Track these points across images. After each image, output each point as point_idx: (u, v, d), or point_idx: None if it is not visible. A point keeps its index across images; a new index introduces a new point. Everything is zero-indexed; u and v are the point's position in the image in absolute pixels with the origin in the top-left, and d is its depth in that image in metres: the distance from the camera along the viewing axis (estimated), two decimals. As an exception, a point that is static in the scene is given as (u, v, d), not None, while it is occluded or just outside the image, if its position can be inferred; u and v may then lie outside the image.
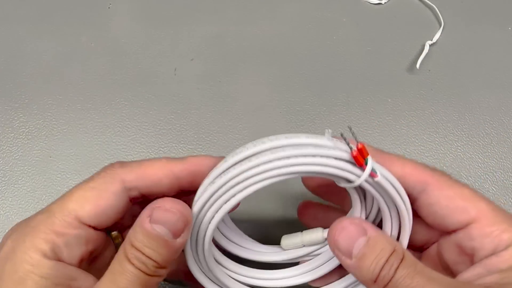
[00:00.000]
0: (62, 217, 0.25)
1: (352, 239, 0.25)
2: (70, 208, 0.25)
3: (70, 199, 0.25)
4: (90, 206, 0.25)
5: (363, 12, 0.47)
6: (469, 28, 0.46)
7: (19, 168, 0.38)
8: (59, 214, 0.25)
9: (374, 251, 0.24)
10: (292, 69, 0.43)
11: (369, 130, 0.40)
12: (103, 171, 0.26)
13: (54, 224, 0.24)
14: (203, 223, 0.25)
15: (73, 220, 0.25)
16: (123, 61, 0.43)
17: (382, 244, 0.25)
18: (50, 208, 0.25)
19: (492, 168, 0.39)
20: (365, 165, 0.25)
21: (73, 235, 0.25)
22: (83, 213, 0.25)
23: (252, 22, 0.46)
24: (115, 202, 0.25)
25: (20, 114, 0.40)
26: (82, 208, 0.25)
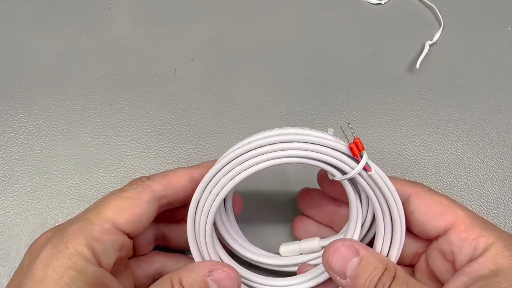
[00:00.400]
0: (101, 224, 0.26)
1: (345, 260, 0.26)
2: (108, 216, 0.26)
3: (106, 208, 0.27)
4: (126, 214, 0.27)
5: (363, 12, 0.47)
6: (469, 28, 0.46)
7: (19, 168, 0.38)
8: (98, 221, 0.26)
9: (367, 270, 0.26)
10: (292, 69, 0.43)
11: (369, 130, 0.40)
12: (134, 183, 0.28)
13: (94, 231, 0.26)
14: (207, 201, 0.27)
15: (110, 227, 0.26)
16: (123, 61, 0.43)
17: (374, 263, 0.26)
18: (87, 216, 0.26)
19: (492, 168, 0.39)
20: (361, 158, 0.27)
21: (111, 241, 0.26)
22: (120, 220, 0.26)
23: (252, 22, 0.46)
24: (148, 210, 0.28)
25: (20, 114, 0.40)
26: (119, 216, 0.26)
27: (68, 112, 0.40)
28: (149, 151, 0.39)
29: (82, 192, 0.37)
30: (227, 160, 0.27)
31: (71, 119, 0.40)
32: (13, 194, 0.37)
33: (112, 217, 0.26)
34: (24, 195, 0.37)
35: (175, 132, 0.40)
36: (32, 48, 0.43)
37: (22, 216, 0.36)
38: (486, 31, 0.46)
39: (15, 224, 0.35)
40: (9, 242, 0.35)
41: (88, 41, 0.44)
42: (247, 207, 0.34)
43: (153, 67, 0.43)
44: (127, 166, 0.38)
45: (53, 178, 0.37)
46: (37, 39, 0.44)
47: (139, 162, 0.38)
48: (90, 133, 0.39)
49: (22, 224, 0.35)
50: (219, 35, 0.45)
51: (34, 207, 0.36)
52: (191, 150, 0.39)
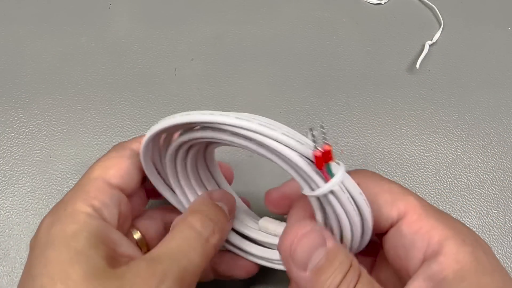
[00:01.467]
0: (93, 185, 0.26)
1: (311, 249, 0.22)
2: (96, 175, 0.27)
3: (94, 170, 0.27)
4: (113, 170, 0.27)
5: (363, 12, 0.47)
6: (469, 28, 0.46)
7: (19, 168, 0.38)
8: (89, 183, 0.27)
9: (333, 265, 0.22)
10: (292, 69, 0.43)
11: (369, 130, 0.40)
12: (113, 147, 0.29)
13: (89, 192, 0.26)
14: None
15: (102, 184, 0.26)
16: (123, 61, 0.43)
17: (341, 257, 0.22)
18: (79, 183, 0.27)
19: (492, 168, 0.39)
20: (327, 173, 0.21)
21: (107, 196, 0.26)
22: (109, 176, 0.27)
23: (252, 22, 0.46)
24: (132, 164, 0.28)
25: (20, 114, 0.40)
26: (106, 173, 0.27)
27: (68, 112, 0.40)
28: (149, 151, 0.39)
29: (82, 192, 0.37)
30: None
31: (71, 119, 0.40)
32: (13, 194, 0.37)
33: (101, 175, 0.27)
34: (24, 195, 0.37)
35: (175, 132, 0.40)
36: (32, 48, 0.43)
37: (22, 216, 0.36)
38: (486, 31, 0.46)
39: (15, 224, 0.35)
40: (9, 242, 0.35)
41: (88, 41, 0.44)
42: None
43: (153, 67, 0.43)
44: (127, 166, 0.38)
45: (53, 178, 0.37)
46: (37, 39, 0.44)
47: (139, 162, 0.38)
48: (90, 133, 0.39)
49: (22, 224, 0.35)
50: (219, 35, 0.45)
51: (34, 207, 0.36)
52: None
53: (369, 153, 0.39)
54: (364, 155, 0.39)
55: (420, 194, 0.37)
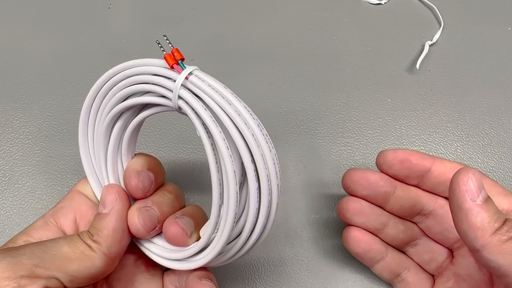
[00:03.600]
0: (66, 195, 0.30)
1: (480, 185, 0.25)
2: (71, 189, 0.31)
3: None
4: (84, 180, 0.30)
5: (363, 12, 0.47)
6: (469, 28, 0.46)
7: (19, 168, 0.38)
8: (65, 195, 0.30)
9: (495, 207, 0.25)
10: (292, 69, 0.43)
11: (369, 130, 0.40)
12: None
13: (61, 201, 0.30)
14: None
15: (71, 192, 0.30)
16: (123, 61, 0.43)
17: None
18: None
19: (492, 168, 0.39)
20: (181, 68, 0.24)
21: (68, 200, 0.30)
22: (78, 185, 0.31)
23: (252, 22, 0.46)
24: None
25: (20, 114, 0.40)
26: (78, 184, 0.31)
27: (68, 112, 0.40)
28: (149, 151, 0.39)
29: (82, 192, 0.37)
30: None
31: (71, 119, 0.40)
32: (13, 194, 0.37)
33: (73, 187, 0.31)
34: (24, 195, 0.37)
35: (175, 132, 0.40)
36: (32, 48, 0.43)
37: (22, 216, 0.36)
38: (486, 31, 0.46)
39: (15, 224, 0.35)
40: (9, 242, 0.35)
41: (88, 41, 0.44)
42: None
43: (153, 67, 0.43)
44: (127, 166, 0.38)
45: (53, 178, 0.37)
46: (37, 39, 0.44)
47: (139, 162, 0.38)
48: (90, 133, 0.39)
49: (22, 224, 0.35)
50: (219, 35, 0.45)
51: (34, 207, 0.36)
52: (191, 150, 0.39)
53: (369, 153, 0.39)
54: (364, 155, 0.39)
55: (420, 194, 0.37)
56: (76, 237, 0.26)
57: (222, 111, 0.23)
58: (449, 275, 0.30)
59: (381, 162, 0.31)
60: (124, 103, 0.27)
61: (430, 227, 0.31)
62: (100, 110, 0.28)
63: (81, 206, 0.29)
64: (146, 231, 0.28)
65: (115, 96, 0.27)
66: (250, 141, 0.23)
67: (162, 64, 0.25)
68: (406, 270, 0.32)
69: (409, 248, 0.32)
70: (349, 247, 0.32)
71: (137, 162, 0.29)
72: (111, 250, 0.26)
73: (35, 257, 0.24)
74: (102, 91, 0.28)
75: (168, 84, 0.24)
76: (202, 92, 0.24)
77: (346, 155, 0.39)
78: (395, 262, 0.32)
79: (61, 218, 0.29)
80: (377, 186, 0.31)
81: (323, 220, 0.36)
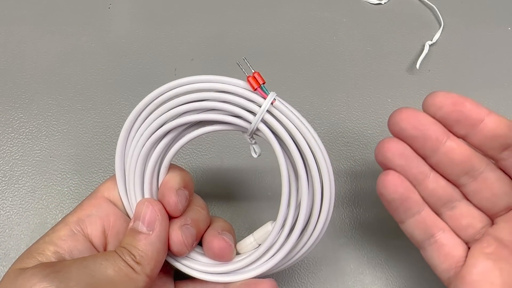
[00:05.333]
0: (89, 198, 0.29)
1: None
2: (95, 192, 0.29)
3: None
4: (109, 184, 0.29)
5: (363, 12, 0.47)
6: (469, 28, 0.46)
7: (19, 168, 0.38)
8: (87, 198, 0.29)
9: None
10: (292, 69, 0.43)
11: (369, 130, 0.40)
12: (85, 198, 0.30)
13: (83, 205, 0.28)
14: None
15: (96, 198, 0.29)
16: (123, 61, 0.43)
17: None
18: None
19: (492, 168, 0.39)
20: (263, 92, 0.25)
21: (95, 208, 0.28)
22: (104, 189, 0.29)
23: (252, 22, 0.46)
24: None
25: (20, 114, 0.40)
26: (103, 187, 0.29)
27: (68, 112, 0.40)
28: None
29: (82, 192, 0.37)
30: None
31: (71, 119, 0.40)
32: (13, 194, 0.37)
33: (97, 190, 0.29)
34: (24, 195, 0.37)
35: (175, 132, 0.40)
36: (32, 48, 0.43)
37: (22, 216, 0.36)
38: (486, 31, 0.46)
39: (15, 224, 0.35)
40: (9, 242, 0.35)
41: (88, 41, 0.44)
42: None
43: (153, 67, 0.43)
44: (127, 166, 0.38)
45: (53, 178, 0.37)
46: (37, 39, 0.44)
47: (139, 162, 0.38)
48: (90, 133, 0.39)
49: (22, 224, 0.35)
50: (219, 35, 0.45)
51: (34, 207, 0.36)
52: (191, 150, 0.39)
53: (369, 153, 0.39)
54: (364, 155, 0.39)
55: (420, 194, 0.37)
56: (117, 258, 0.25)
57: (302, 137, 0.25)
58: (490, 240, 0.27)
59: (430, 103, 0.28)
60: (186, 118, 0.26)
61: (477, 190, 0.28)
62: (150, 119, 0.27)
63: (110, 215, 0.28)
64: (188, 249, 0.28)
65: (175, 109, 0.26)
66: (323, 166, 0.26)
67: (241, 85, 0.26)
68: (441, 231, 0.28)
69: (444, 211, 0.29)
70: (385, 192, 0.28)
71: (174, 179, 0.28)
72: (154, 272, 0.26)
73: (83, 283, 0.23)
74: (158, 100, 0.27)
75: (252, 107, 0.25)
76: (284, 118, 0.25)
77: (346, 155, 0.39)
78: (431, 220, 0.28)
79: (89, 227, 0.27)
80: (429, 129, 0.27)
81: (323, 220, 0.36)
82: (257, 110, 0.25)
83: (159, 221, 0.27)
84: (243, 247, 0.29)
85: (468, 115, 0.27)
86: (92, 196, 0.29)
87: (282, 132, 0.25)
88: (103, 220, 0.28)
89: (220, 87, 0.26)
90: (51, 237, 0.26)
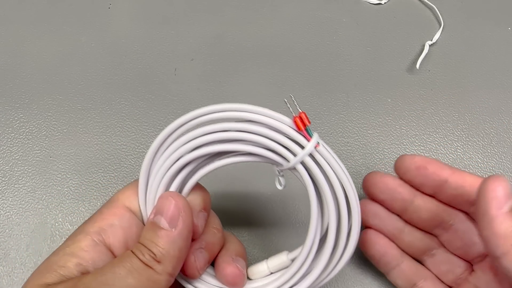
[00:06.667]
0: (109, 206, 0.27)
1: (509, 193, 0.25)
2: (114, 199, 0.28)
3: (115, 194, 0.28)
4: (130, 192, 0.28)
5: (363, 12, 0.47)
6: (469, 28, 0.46)
7: (19, 168, 0.38)
8: (106, 205, 0.28)
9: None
10: (292, 69, 0.43)
11: (369, 130, 0.40)
12: (103, 205, 0.29)
13: (103, 213, 0.27)
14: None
15: (117, 206, 0.27)
16: (123, 61, 0.43)
17: None
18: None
19: (492, 168, 0.39)
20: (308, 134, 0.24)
21: (117, 217, 0.27)
22: (124, 198, 0.28)
23: (252, 22, 0.46)
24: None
25: (20, 114, 0.40)
26: (123, 195, 0.28)
27: (68, 112, 0.40)
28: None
29: (82, 192, 0.37)
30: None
31: (71, 119, 0.40)
32: (13, 194, 0.37)
33: (117, 198, 0.28)
34: (24, 195, 0.37)
35: (175, 132, 0.40)
36: (32, 48, 0.43)
37: (22, 216, 0.36)
38: (486, 31, 0.46)
39: (15, 224, 0.35)
40: (9, 242, 0.35)
41: (88, 41, 0.44)
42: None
43: (153, 67, 0.43)
44: (127, 166, 0.38)
45: (53, 178, 0.37)
46: (37, 39, 0.44)
47: (139, 162, 0.38)
48: (90, 133, 0.39)
49: (22, 224, 0.35)
50: (219, 35, 0.45)
51: (34, 207, 0.36)
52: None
53: (369, 153, 0.39)
54: (364, 155, 0.39)
55: (420, 194, 0.37)
56: (136, 262, 0.24)
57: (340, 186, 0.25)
58: (469, 287, 0.29)
59: (398, 166, 0.31)
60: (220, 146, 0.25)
61: (450, 241, 0.30)
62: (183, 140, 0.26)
63: (132, 226, 0.27)
64: (200, 273, 0.28)
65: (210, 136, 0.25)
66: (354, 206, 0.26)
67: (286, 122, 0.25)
68: (422, 279, 0.31)
69: (426, 258, 0.31)
70: (365, 249, 0.32)
71: (195, 201, 0.28)
72: (176, 270, 0.25)
73: None
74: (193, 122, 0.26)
75: (294, 148, 0.25)
76: (325, 163, 0.25)
77: (346, 155, 0.39)
78: (412, 271, 0.31)
79: (111, 237, 0.26)
80: (395, 191, 0.31)
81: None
82: (298, 151, 0.25)
83: (182, 217, 0.25)
84: (255, 273, 0.29)
85: (431, 178, 0.29)
86: (113, 205, 0.27)
87: (320, 178, 0.25)
88: (125, 231, 0.27)
89: (264, 120, 0.25)
90: (72, 249, 0.25)
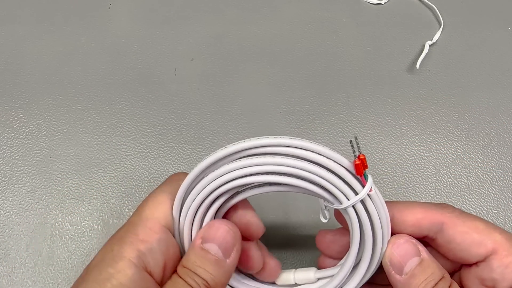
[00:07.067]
0: (143, 225, 0.25)
1: (406, 256, 0.26)
2: (147, 214, 0.26)
3: (144, 207, 0.26)
4: (164, 207, 0.26)
5: (363, 12, 0.47)
6: (469, 28, 0.46)
7: (19, 168, 0.38)
8: (140, 222, 0.26)
9: (425, 273, 0.25)
10: (292, 69, 0.43)
11: (369, 130, 0.40)
12: (169, 179, 0.28)
13: (138, 233, 0.25)
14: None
15: (153, 225, 0.25)
16: (123, 61, 0.43)
17: (433, 268, 0.26)
18: (131, 220, 0.26)
19: (492, 168, 0.39)
20: (364, 179, 0.24)
21: (156, 240, 0.25)
22: (159, 215, 0.26)
23: (252, 22, 0.46)
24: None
25: (20, 114, 0.40)
26: (157, 211, 0.26)
27: (68, 112, 0.40)
28: (149, 151, 0.39)
29: (82, 192, 0.37)
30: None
31: (71, 119, 0.40)
32: (13, 194, 0.37)
33: (152, 213, 0.26)
34: (24, 195, 0.37)
35: (175, 132, 0.40)
36: (32, 48, 0.43)
37: (22, 216, 0.36)
38: (486, 31, 0.46)
39: (15, 224, 0.35)
40: (9, 242, 0.35)
41: (88, 41, 0.44)
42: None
43: (153, 67, 0.43)
44: (127, 166, 0.38)
45: (53, 178, 0.37)
46: (37, 39, 0.44)
47: (139, 162, 0.38)
48: (90, 133, 0.39)
49: (22, 224, 0.35)
50: (219, 35, 0.45)
51: (34, 207, 0.36)
52: (191, 150, 0.39)
53: (369, 153, 0.39)
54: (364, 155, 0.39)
55: (420, 194, 0.37)
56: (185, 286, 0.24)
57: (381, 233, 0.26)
58: None
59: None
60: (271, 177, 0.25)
61: None
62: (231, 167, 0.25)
63: (170, 248, 0.26)
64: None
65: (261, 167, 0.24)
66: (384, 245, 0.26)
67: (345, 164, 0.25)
68: None
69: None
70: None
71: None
72: None
73: None
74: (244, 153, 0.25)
75: (348, 193, 0.25)
76: (375, 211, 0.25)
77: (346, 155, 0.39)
78: None
79: (151, 262, 0.25)
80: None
81: (323, 220, 0.36)
82: (351, 196, 0.24)
83: (237, 248, 0.25)
84: (280, 279, 0.30)
85: None
86: (148, 224, 0.26)
87: (366, 223, 0.25)
88: (165, 255, 0.25)
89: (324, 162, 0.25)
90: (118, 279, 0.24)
